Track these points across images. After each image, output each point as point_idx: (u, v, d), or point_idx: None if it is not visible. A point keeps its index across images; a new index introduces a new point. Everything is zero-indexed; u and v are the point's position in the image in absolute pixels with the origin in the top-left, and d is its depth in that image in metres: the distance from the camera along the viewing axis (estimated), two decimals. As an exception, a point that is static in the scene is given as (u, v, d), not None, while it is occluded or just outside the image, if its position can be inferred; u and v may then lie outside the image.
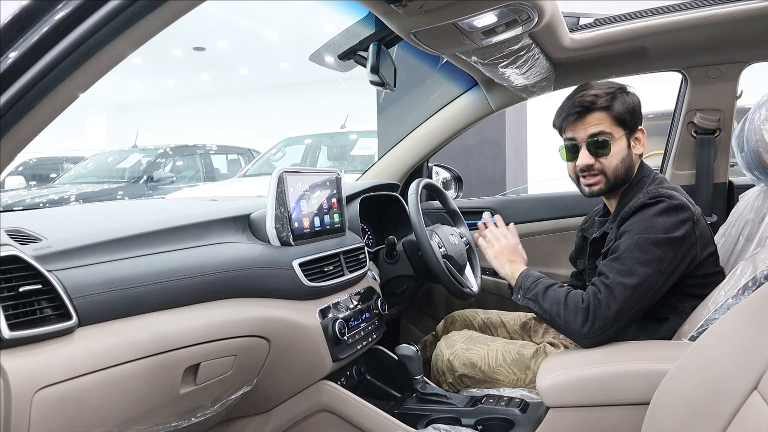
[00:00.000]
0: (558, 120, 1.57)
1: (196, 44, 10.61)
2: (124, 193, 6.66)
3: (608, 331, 1.35)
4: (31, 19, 0.75)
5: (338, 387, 1.52)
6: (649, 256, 1.36)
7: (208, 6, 4.74)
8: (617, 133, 1.51)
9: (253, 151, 8.55)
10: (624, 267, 1.37)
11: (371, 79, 1.57)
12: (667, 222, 1.38)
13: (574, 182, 1.60)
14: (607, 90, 1.51)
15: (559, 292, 1.43)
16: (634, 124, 1.53)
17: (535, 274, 1.53)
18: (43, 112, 0.77)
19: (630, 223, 1.42)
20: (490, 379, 1.61)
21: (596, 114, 1.50)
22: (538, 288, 1.47)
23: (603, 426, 1.26)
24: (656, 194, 1.42)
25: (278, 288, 1.39)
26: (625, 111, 1.50)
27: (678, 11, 1.74)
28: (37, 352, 0.91)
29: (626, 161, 1.52)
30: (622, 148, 1.51)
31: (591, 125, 1.51)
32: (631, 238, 1.39)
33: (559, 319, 1.40)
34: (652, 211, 1.40)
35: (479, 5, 1.26)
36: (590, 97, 1.50)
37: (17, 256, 0.94)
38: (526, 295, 1.49)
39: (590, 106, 1.50)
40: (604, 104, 1.49)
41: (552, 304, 1.42)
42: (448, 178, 2.51)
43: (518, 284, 1.53)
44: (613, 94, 1.50)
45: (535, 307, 1.46)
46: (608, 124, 1.50)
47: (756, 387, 0.79)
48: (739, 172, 1.71)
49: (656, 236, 1.37)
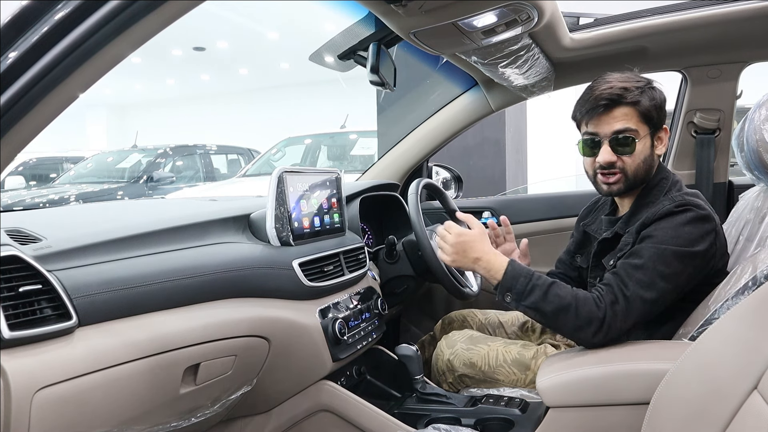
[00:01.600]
0: (579, 112, 1.45)
1: (196, 44, 10.61)
2: (124, 193, 6.67)
3: (618, 340, 1.33)
4: (31, 19, 0.75)
5: (338, 387, 1.52)
6: (670, 270, 1.31)
7: (208, 6, 4.74)
8: (643, 130, 1.41)
9: (253, 151, 8.55)
10: (645, 278, 1.31)
11: (371, 79, 1.57)
12: (693, 233, 1.33)
13: (590, 179, 1.50)
14: (636, 83, 1.40)
15: (564, 296, 1.31)
16: (660, 123, 1.44)
17: (523, 271, 1.36)
18: (43, 112, 0.77)
19: (653, 228, 1.35)
20: (491, 379, 1.60)
21: (623, 108, 1.39)
22: (535, 294, 1.33)
23: (603, 426, 1.26)
24: (683, 202, 1.35)
25: (278, 288, 1.39)
26: (652, 107, 1.41)
27: (678, 11, 1.74)
28: (37, 352, 0.91)
29: (648, 161, 1.43)
30: (645, 148, 1.42)
31: (617, 120, 1.40)
32: (655, 247, 1.32)
33: (566, 327, 1.32)
34: (679, 219, 1.33)
35: (479, 5, 1.26)
36: (619, 90, 1.38)
37: (17, 256, 0.94)
38: (520, 301, 1.34)
39: (618, 99, 1.39)
40: (634, 99, 1.39)
41: (558, 312, 1.31)
42: (448, 178, 2.51)
43: (505, 286, 1.36)
44: (642, 89, 1.40)
45: (536, 315, 1.34)
46: (635, 121, 1.40)
47: (756, 387, 0.79)
48: (739, 172, 1.71)
49: (680, 249, 1.31)
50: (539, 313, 1.34)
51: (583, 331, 1.30)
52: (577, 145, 1.48)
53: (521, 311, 1.37)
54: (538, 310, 1.33)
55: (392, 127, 4.10)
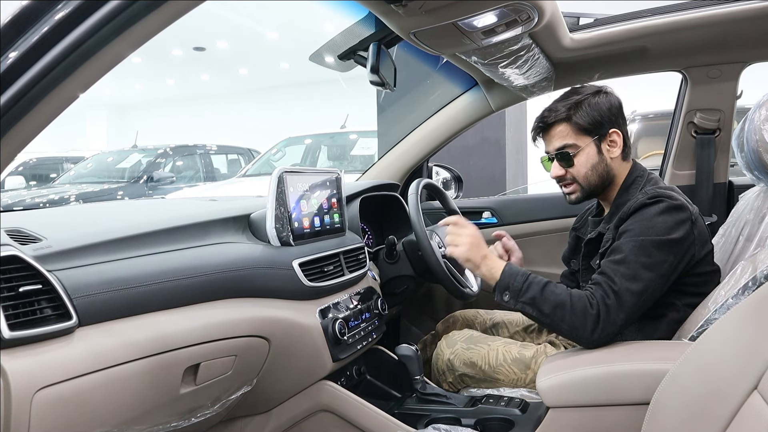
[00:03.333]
0: (533, 134, 1.61)
1: (196, 44, 10.61)
2: (124, 193, 6.67)
3: (615, 336, 1.36)
4: (31, 19, 0.75)
5: (338, 387, 1.52)
6: (652, 260, 1.36)
7: (208, 6, 4.74)
8: (582, 142, 1.52)
9: (253, 151, 8.55)
10: (629, 271, 1.35)
11: (371, 79, 1.57)
12: (668, 222, 1.38)
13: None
14: (566, 101, 1.53)
15: (559, 294, 1.37)
16: (603, 129, 1.52)
17: (520, 270, 1.43)
18: (43, 112, 0.77)
19: (630, 222, 1.41)
20: (491, 379, 1.60)
21: (558, 127, 1.54)
22: (532, 290, 1.38)
23: (603, 426, 1.26)
24: (655, 194, 1.42)
25: (278, 288, 1.39)
26: (589, 119, 1.51)
27: (678, 11, 1.74)
28: (37, 352, 0.91)
29: (598, 167, 1.53)
30: (590, 156, 1.52)
31: (555, 138, 1.54)
32: (633, 240, 1.38)
33: (563, 324, 1.35)
34: (652, 210, 1.39)
35: (479, 5, 1.26)
36: (547, 112, 1.55)
37: (17, 256, 0.94)
38: (518, 298, 1.39)
39: (548, 121, 1.54)
40: (563, 117, 1.52)
41: (555, 309, 1.35)
42: (448, 178, 2.51)
43: (503, 284, 1.42)
44: (574, 104, 1.51)
45: (533, 311, 1.38)
46: (571, 136, 1.52)
47: (756, 387, 0.79)
48: (739, 172, 1.71)
49: (658, 238, 1.36)
50: (536, 309, 1.38)
51: (580, 330, 1.34)
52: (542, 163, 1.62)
53: (518, 309, 1.41)
54: (535, 306, 1.38)
55: (392, 127, 4.10)
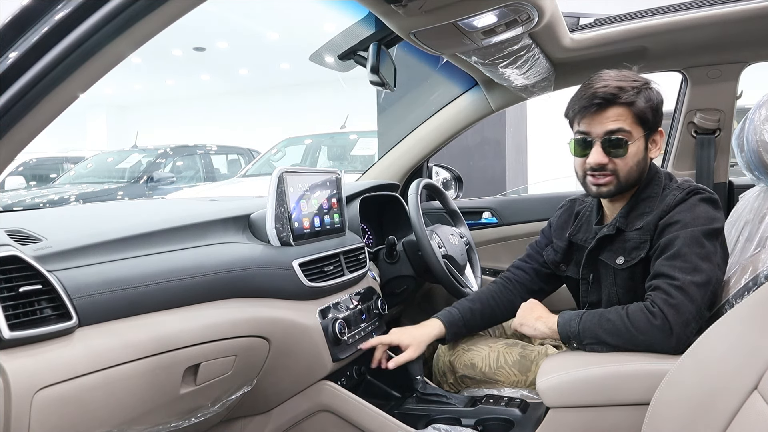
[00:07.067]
0: (573, 110, 1.41)
1: (196, 44, 10.61)
2: (124, 194, 6.67)
3: (693, 335, 1.23)
4: (31, 19, 0.75)
5: (338, 387, 1.52)
6: (706, 250, 1.29)
7: (208, 6, 4.74)
8: (637, 132, 1.37)
9: (253, 151, 8.55)
10: (688, 264, 1.27)
11: (371, 79, 1.57)
12: (709, 212, 1.34)
13: (579, 179, 1.47)
14: (633, 83, 1.36)
15: (615, 321, 1.29)
16: (655, 125, 1.41)
17: (572, 315, 1.37)
18: (43, 112, 0.77)
19: (674, 215, 1.34)
20: (491, 380, 1.60)
21: (617, 108, 1.35)
22: (590, 330, 1.32)
23: (603, 426, 1.26)
24: (692, 188, 1.37)
25: (278, 288, 1.39)
26: (648, 109, 1.37)
27: (678, 11, 1.74)
28: (37, 353, 0.91)
29: (641, 165, 1.40)
30: (639, 150, 1.39)
31: (610, 120, 1.35)
32: (684, 232, 1.31)
33: (638, 347, 1.27)
34: (692, 201, 1.35)
35: (479, 5, 1.26)
36: (614, 89, 1.34)
37: (17, 256, 0.94)
38: (582, 342, 1.33)
39: (613, 99, 1.34)
40: (629, 99, 1.34)
41: (618, 336, 1.28)
42: (448, 178, 2.51)
43: (564, 336, 1.37)
44: (638, 89, 1.35)
45: (604, 348, 1.31)
46: (629, 122, 1.36)
47: (756, 387, 0.79)
48: (739, 172, 1.71)
49: (705, 228, 1.31)
50: (605, 345, 1.31)
51: (656, 344, 1.26)
52: (569, 145, 1.44)
53: (589, 350, 1.34)
54: (601, 343, 1.31)
55: (392, 127, 4.10)
